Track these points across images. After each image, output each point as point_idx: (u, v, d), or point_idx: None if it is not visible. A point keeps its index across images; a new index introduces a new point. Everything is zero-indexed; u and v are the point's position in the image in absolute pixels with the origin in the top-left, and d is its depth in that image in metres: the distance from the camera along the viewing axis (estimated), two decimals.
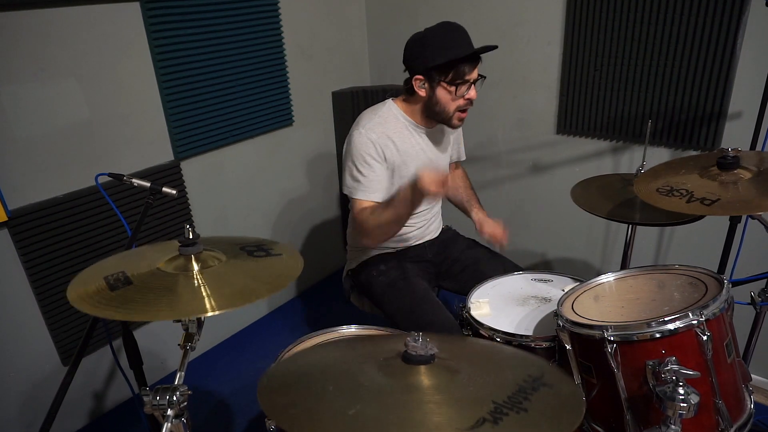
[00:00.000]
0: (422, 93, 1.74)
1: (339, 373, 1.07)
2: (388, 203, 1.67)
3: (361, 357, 1.16)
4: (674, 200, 1.38)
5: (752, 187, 1.36)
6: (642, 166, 1.79)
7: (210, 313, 1.00)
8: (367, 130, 1.75)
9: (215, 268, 1.15)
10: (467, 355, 1.20)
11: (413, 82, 1.74)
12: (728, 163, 1.43)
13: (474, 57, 1.69)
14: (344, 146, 1.80)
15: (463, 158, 2.15)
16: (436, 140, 1.92)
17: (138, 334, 1.69)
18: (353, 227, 1.88)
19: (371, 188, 1.73)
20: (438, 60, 1.66)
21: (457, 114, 1.76)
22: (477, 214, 2.04)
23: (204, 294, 1.06)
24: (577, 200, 1.88)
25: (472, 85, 1.73)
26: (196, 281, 1.10)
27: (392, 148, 1.79)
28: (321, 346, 1.30)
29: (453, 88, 1.70)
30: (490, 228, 1.94)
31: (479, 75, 1.74)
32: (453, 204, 2.17)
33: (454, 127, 1.83)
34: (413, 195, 1.51)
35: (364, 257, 1.99)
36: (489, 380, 1.04)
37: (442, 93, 1.72)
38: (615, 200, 1.85)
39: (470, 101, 1.75)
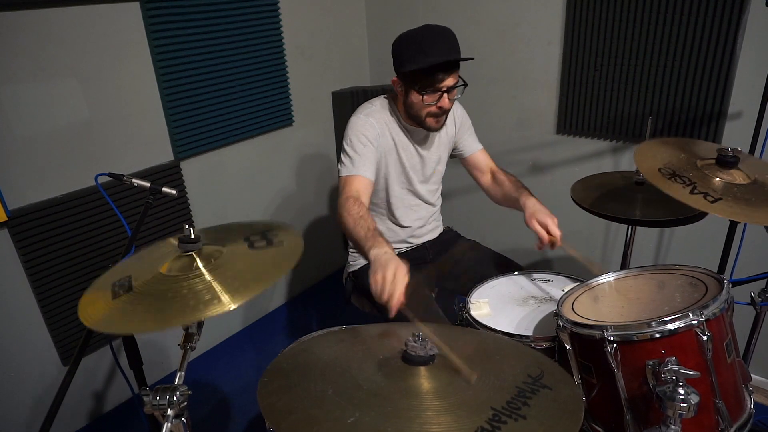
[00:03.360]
0: (400, 95, 1.75)
1: (339, 373, 1.07)
2: (365, 228, 1.53)
3: (361, 354, 1.15)
4: (677, 186, 1.36)
5: (751, 195, 1.36)
6: None
7: (231, 307, 0.97)
8: (366, 115, 1.78)
9: (220, 262, 1.10)
10: (468, 352, 1.19)
11: (393, 84, 1.75)
12: (728, 161, 1.43)
13: (445, 66, 1.62)
14: (344, 135, 1.80)
15: (480, 147, 2.07)
16: (423, 138, 1.90)
17: (138, 334, 1.69)
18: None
19: (362, 163, 1.70)
20: (408, 67, 1.64)
21: (429, 119, 1.73)
22: (527, 199, 1.79)
23: (218, 290, 1.01)
24: (577, 198, 1.88)
25: (445, 94, 1.67)
26: (205, 280, 1.05)
27: (388, 134, 1.81)
28: (323, 338, 1.29)
29: (420, 97, 1.67)
30: (542, 219, 1.70)
31: (461, 82, 1.69)
32: (505, 205, 2.00)
33: (429, 130, 1.79)
34: (367, 257, 1.43)
35: (365, 261, 1.98)
36: (488, 382, 1.04)
37: (413, 98, 1.70)
38: (615, 198, 1.86)
39: (441, 109, 1.69)
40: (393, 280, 1.30)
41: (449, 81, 1.65)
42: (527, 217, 1.74)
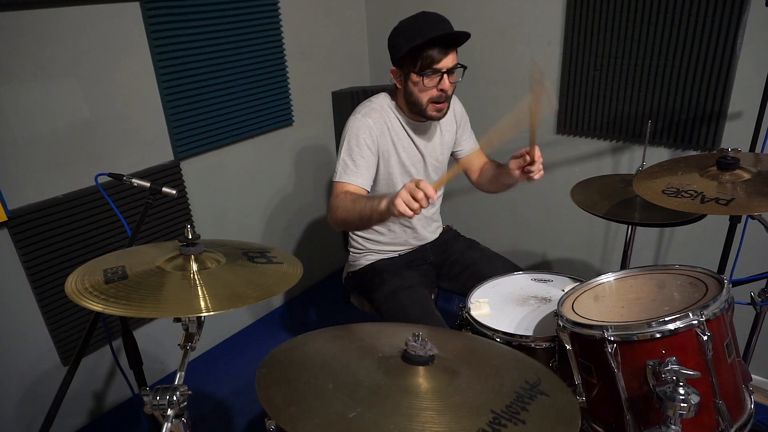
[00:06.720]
0: (399, 86, 1.74)
1: (338, 369, 1.07)
2: (365, 200, 1.57)
3: (360, 350, 1.15)
4: (686, 201, 1.38)
5: (761, 186, 1.36)
6: (642, 166, 1.79)
7: (205, 314, 1.01)
8: (363, 115, 1.76)
9: (212, 270, 1.15)
10: (465, 355, 1.19)
11: (392, 75, 1.74)
12: (728, 163, 1.43)
13: (442, 44, 1.61)
14: (341, 135, 1.79)
15: (477, 146, 2.07)
16: (427, 134, 1.89)
17: (138, 334, 1.69)
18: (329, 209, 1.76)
19: (358, 173, 1.71)
20: (403, 49, 1.63)
21: (431, 105, 1.71)
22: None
23: (200, 294, 1.06)
24: (577, 200, 1.88)
25: (444, 75, 1.66)
26: (192, 281, 1.10)
27: (387, 134, 1.79)
28: (320, 335, 1.29)
29: (420, 79, 1.65)
30: (519, 160, 1.68)
31: (459, 65, 1.68)
32: (503, 186, 1.92)
33: (430, 118, 1.77)
34: (385, 211, 1.44)
35: (365, 261, 1.99)
36: (487, 386, 1.04)
37: (412, 84, 1.69)
38: (615, 200, 1.86)
39: (443, 92, 1.68)
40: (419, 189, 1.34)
41: (447, 61, 1.64)
42: (510, 167, 1.69)
